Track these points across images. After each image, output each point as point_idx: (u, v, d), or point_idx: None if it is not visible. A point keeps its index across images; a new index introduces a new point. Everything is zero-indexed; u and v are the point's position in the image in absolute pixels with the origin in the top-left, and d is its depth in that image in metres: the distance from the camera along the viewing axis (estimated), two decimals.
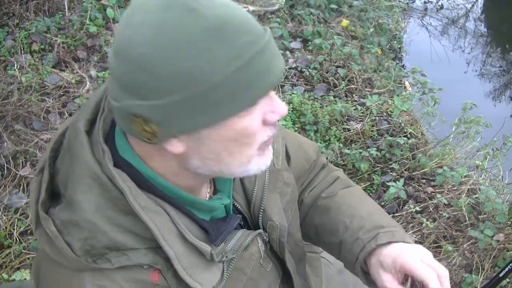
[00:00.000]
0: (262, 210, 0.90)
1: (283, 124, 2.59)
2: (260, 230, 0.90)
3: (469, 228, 2.15)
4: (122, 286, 0.72)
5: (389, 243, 0.91)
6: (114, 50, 0.67)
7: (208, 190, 0.87)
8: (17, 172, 2.30)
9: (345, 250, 0.97)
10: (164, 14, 0.62)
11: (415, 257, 0.86)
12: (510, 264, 1.47)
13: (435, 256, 2.18)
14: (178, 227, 0.74)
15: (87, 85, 2.74)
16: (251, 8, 3.55)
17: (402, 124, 2.80)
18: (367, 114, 2.82)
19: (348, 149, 2.60)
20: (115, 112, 0.69)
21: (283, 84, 3.02)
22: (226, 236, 0.81)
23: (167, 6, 0.63)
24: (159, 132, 0.65)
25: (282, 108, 0.72)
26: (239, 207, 0.91)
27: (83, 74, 2.82)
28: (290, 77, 3.08)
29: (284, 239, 0.93)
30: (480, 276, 1.96)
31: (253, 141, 0.71)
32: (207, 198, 0.86)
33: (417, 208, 2.26)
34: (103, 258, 0.72)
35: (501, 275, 1.53)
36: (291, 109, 2.73)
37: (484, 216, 2.21)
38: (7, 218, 2.12)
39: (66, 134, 0.77)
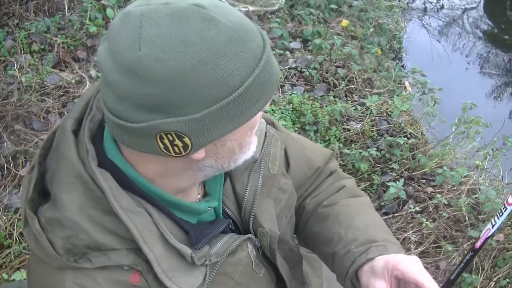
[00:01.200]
0: (252, 216, 0.89)
1: (283, 124, 2.59)
2: (250, 235, 0.89)
3: (469, 228, 2.15)
4: (102, 285, 0.72)
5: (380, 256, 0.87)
6: (125, 71, 0.62)
7: (199, 193, 0.87)
8: (17, 172, 2.30)
9: (337, 262, 0.95)
10: (182, 26, 0.61)
11: (408, 260, 0.83)
12: (460, 266, 1.49)
13: (435, 256, 2.19)
14: (160, 228, 0.74)
15: (87, 85, 2.74)
16: (251, 8, 3.55)
17: (402, 124, 2.80)
18: (367, 114, 2.82)
19: (348, 149, 2.60)
20: (128, 132, 0.66)
21: (283, 84, 3.02)
22: (211, 240, 0.81)
23: (181, 18, 0.61)
24: (192, 144, 0.65)
25: None
26: (228, 212, 0.90)
27: (83, 74, 2.82)
28: (290, 77, 3.08)
29: (274, 245, 0.92)
30: (480, 276, 1.96)
31: (254, 129, 0.75)
32: (197, 201, 0.86)
33: (417, 208, 2.27)
34: (84, 257, 0.72)
35: (452, 277, 1.54)
36: (291, 109, 2.73)
37: (484, 216, 2.21)
38: (7, 218, 2.12)
39: (57, 131, 0.77)
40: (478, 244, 1.54)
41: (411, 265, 0.81)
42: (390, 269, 0.83)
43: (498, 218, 1.44)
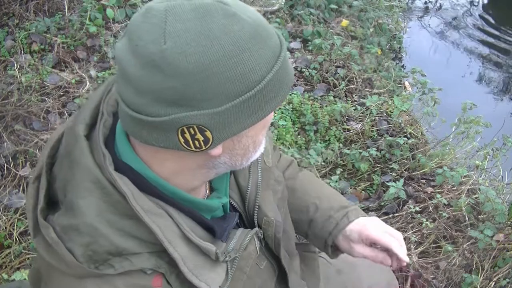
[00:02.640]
0: (257, 207, 0.91)
1: (282, 125, 2.59)
2: (257, 228, 0.90)
3: (469, 228, 2.15)
4: None
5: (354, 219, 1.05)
6: (148, 65, 0.62)
7: (206, 189, 0.88)
8: (17, 172, 2.30)
9: (316, 228, 1.08)
10: (206, 20, 0.62)
11: (376, 228, 1.01)
12: None
13: (435, 256, 2.19)
14: (182, 228, 0.74)
15: (87, 85, 2.74)
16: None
17: (402, 124, 2.80)
18: (367, 114, 2.82)
19: (348, 149, 2.60)
20: (148, 127, 0.66)
21: None
22: (229, 235, 0.82)
23: (205, 13, 0.63)
24: (213, 138, 0.66)
25: None
26: (234, 205, 0.91)
27: (83, 74, 2.82)
28: None
29: (279, 234, 0.94)
30: (480, 276, 1.96)
31: (267, 127, 0.77)
32: (205, 198, 0.87)
33: (417, 208, 2.26)
34: (106, 264, 0.70)
35: None
36: (291, 109, 2.73)
37: (484, 216, 2.21)
38: (7, 218, 2.12)
39: (63, 140, 0.76)
40: None
41: (380, 235, 1.00)
42: (363, 240, 1.02)
43: None
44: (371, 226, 1.02)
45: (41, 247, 0.72)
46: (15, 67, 2.78)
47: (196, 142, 0.66)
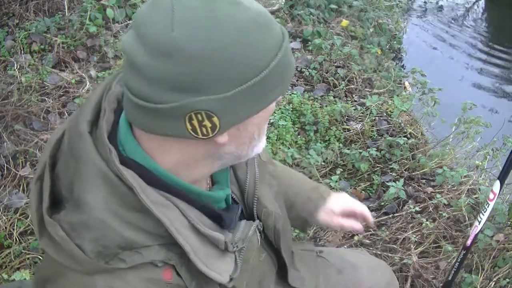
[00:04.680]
0: (256, 199, 0.93)
1: (282, 125, 2.59)
2: (258, 220, 0.91)
3: (468, 228, 2.15)
4: (135, 286, 0.72)
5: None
6: (157, 53, 0.63)
7: (208, 182, 0.88)
8: (17, 172, 2.30)
9: (299, 209, 1.17)
10: (212, 8, 0.64)
11: (348, 199, 1.19)
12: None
13: (435, 256, 2.18)
14: (190, 219, 0.74)
15: (87, 85, 2.74)
16: None
17: (402, 124, 2.80)
18: (367, 114, 2.82)
19: (348, 149, 2.60)
20: (156, 115, 0.67)
21: None
22: (235, 225, 0.84)
23: (210, 1, 0.65)
24: (220, 125, 0.67)
25: None
26: (235, 197, 0.92)
27: (83, 74, 2.82)
28: None
29: (279, 225, 0.97)
30: (480, 276, 1.96)
31: (269, 117, 0.78)
32: (208, 190, 0.87)
33: (417, 208, 2.26)
34: (116, 258, 0.70)
35: (449, 278, 1.60)
36: (291, 109, 2.73)
37: None
38: (7, 218, 2.12)
39: (65, 138, 0.76)
40: (468, 242, 1.59)
41: (353, 205, 1.17)
42: (341, 210, 1.16)
43: (483, 215, 1.50)
44: (344, 198, 1.19)
45: (48, 246, 0.72)
46: (15, 67, 2.78)
47: (204, 129, 0.67)
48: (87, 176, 0.70)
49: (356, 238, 2.18)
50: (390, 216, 2.30)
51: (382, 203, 2.38)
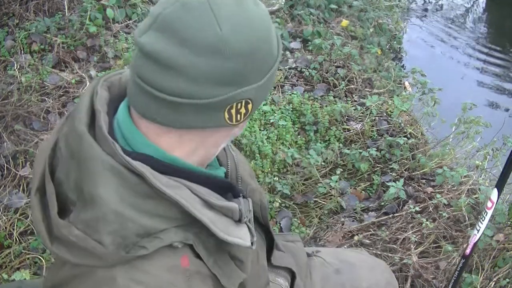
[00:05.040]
0: (240, 178, 0.97)
1: (282, 125, 2.59)
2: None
3: (469, 228, 2.15)
4: (156, 275, 0.73)
5: None
6: (204, 51, 0.67)
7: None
8: (17, 172, 2.30)
9: None
10: (244, 7, 0.71)
11: None
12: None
13: (435, 256, 2.18)
14: (201, 196, 0.76)
15: (87, 85, 2.74)
16: None
17: (402, 124, 2.80)
18: (367, 114, 2.82)
19: (348, 149, 2.60)
20: (196, 110, 0.71)
21: (283, 84, 3.02)
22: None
23: (240, 1, 0.72)
24: (251, 110, 0.76)
25: None
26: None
27: (83, 74, 2.82)
28: (290, 77, 3.08)
29: (265, 200, 1.02)
30: (480, 276, 1.96)
31: None
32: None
33: (417, 208, 2.26)
34: (136, 247, 0.71)
35: (450, 287, 1.60)
36: (291, 109, 2.73)
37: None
38: (7, 218, 2.12)
39: (60, 145, 0.77)
40: (468, 251, 1.58)
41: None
42: None
43: (481, 223, 1.49)
44: None
45: (61, 251, 0.72)
46: (15, 67, 2.78)
47: (239, 116, 0.74)
48: (95, 172, 0.71)
49: (356, 238, 2.18)
50: (390, 216, 2.30)
51: (382, 203, 2.38)
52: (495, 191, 1.43)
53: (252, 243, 0.81)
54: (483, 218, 1.50)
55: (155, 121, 0.74)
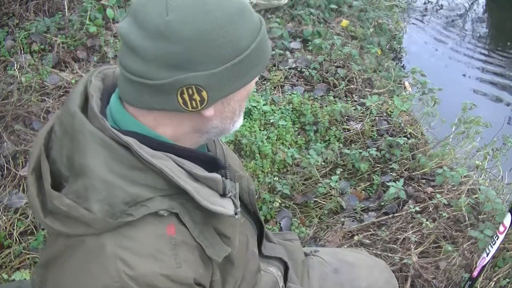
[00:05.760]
0: (228, 165, 1.01)
1: (282, 125, 2.59)
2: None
3: (469, 228, 2.15)
4: (142, 243, 0.77)
5: None
6: (153, 35, 0.72)
7: None
8: (17, 172, 2.30)
9: None
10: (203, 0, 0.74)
11: None
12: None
13: (435, 256, 2.18)
14: (186, 168, 0.80)
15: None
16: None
17: (402, 124, 2.79)
18: (367, 114, 2.82)
19: (348, 149, 2.60)
20: (151, 91, 0.76)
21: (283, 84, 3.02)
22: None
23: None
24: (208, 98, 0.77)
25: None
26: None
27: (83, 74, 2.82)
28: (290, 77, 3.08)
29: (252, 187, 1.05)
30: (480, 276, 1.95)
31: (248, 95, 0.87)
32: None
33: (417, 208, 2.26)
34: (124, 214, 0.75)
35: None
36: (291, 109, 2.73)
37: (484, 216, 2.21)
38: (7, 218, 2.12)
39: (55, 127, 0.82)
40: (475, 273, 1.56)
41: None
42: None
43: (492, 247, 1.47)
44: None
45: (54, 223, 0.77)
46: (15, 67, 2.78)
47: (193, 102, 0.76)
48: (85, 144, 0.76)
49: (356, 238, 2.18)
50: (390, 216, 2.30)
51: (382, 203, 2.38)
52: (509, 215, 1.40)
53: (236, 214, 0.84)
54: (494, 242, 1.48)
55: (129, 101, 0.80)
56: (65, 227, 0.76)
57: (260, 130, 2.55)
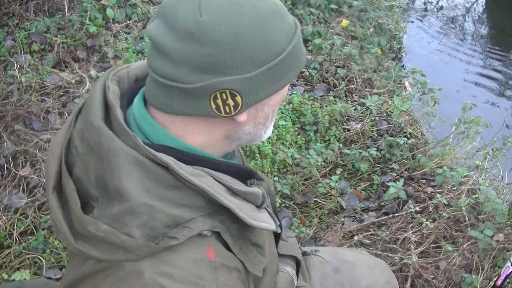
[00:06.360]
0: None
1: (282, 125, 2.59)
2: None
3: (469, 228, 2.15)
4: (182, 268, 0.72)
5: None
6: (185, 37, 0.69)
7: None
8: (17, 172, 2.30)
9: None
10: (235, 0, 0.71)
11: None
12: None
13: (435, 256, 2.18)
14: (225, 183, 0.77)
15: (87, 85, 2.74)
16: None
17: (402, 124, 2.79)
18: (367, 114, 2.82)
19: (348, 149, 2.60)
20: (183, 95, 0.72)
21: None
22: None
23: None
24: (242, 103, 0.73)
25: None
26: None
27: (83, 74, 2.82)
28: None
29: (272, 188, 1.03)
30: (480, 276, 1.95)
31: (281, 100, 0.84)
32: None
33: (417, 208, 2.26)
34: (166, 238, 0.71)
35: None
36: (291, 109, 2.73)
37: (484, 216, 2.21)
38: (7, 218, 2.12)
39: (75, 142, 0.77)
40: (499, 282, 1.57)
41: None
42: None
43: None
44: None
45: (87, 247, 0.73)
46: (15, 67, 2.78)
47: (227, 108, 0.73)
48: (119, 165, 0.71)
49: (356, 238, 2.18)
50: (390, 216, 2.30)
51: (382, 203, 2.38)
52: None
53: (276, 227, 0.82)
54: None
55: (158, 106, 0.76)
56: (99, 252, 0.72)
57: None
